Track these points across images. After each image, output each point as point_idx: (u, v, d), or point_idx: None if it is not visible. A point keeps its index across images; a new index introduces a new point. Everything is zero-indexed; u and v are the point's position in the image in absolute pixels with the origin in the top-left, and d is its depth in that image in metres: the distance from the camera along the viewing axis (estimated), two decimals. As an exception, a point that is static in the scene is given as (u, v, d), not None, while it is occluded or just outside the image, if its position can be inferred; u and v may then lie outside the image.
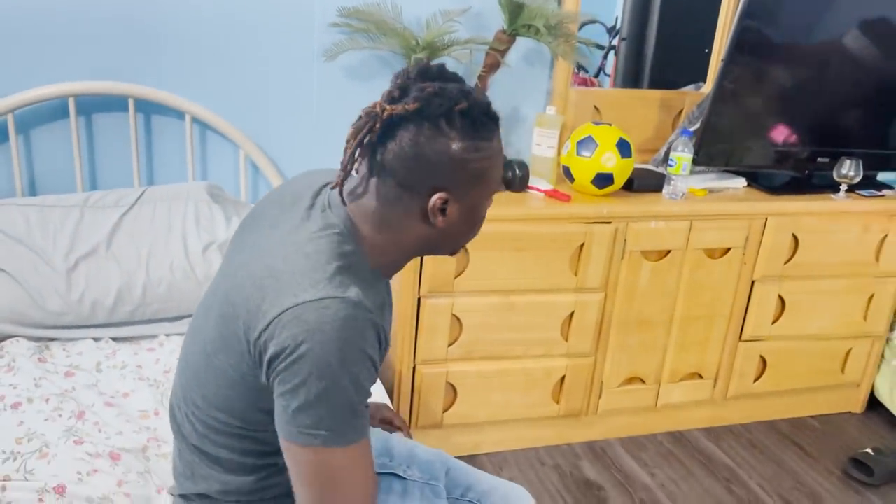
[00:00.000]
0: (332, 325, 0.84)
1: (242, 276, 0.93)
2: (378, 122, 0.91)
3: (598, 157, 2.01)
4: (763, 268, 2.22)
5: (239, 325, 0.90)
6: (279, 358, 0.85)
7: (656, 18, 2.46)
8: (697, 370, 2.30)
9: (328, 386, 0.84)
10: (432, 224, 0.96)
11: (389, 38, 1.97)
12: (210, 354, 0.95)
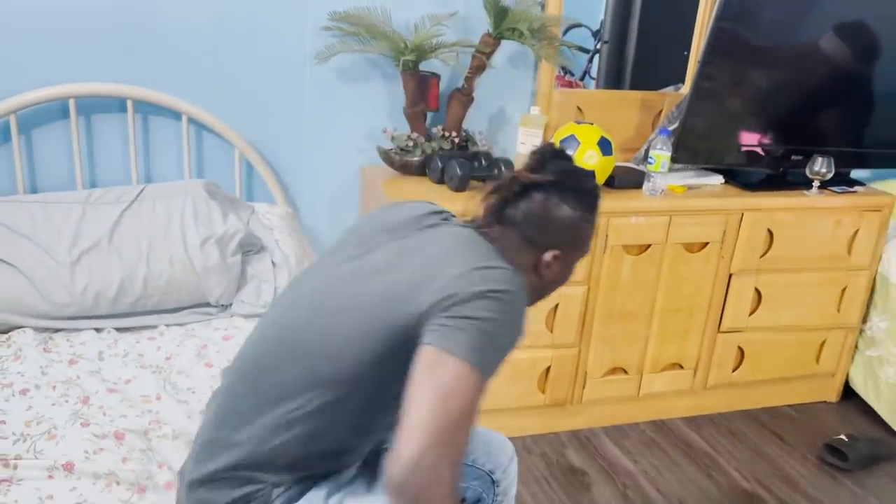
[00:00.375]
0: (511, 285, 1.00)
1: (403, 273, 1.03)
2: (517, 185, 1.11)
3: (580, 154, 2.09)
4: (740, 261, 2.31)
5: (400, 311, 1.00)
6: (456, 298, 0.97)
7: (637, 22, 2.55)
8: (678, 361, 2.38)
9: (498, 326, 0.97)
10: (539, 274, 1.14)
11: (379, 41, 2.05)
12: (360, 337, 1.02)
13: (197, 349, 1.59)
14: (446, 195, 2.04)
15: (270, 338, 1.09)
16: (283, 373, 1.04)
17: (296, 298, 1.12)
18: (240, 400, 1.07)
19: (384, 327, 1.01)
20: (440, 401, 0.91)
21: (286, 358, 1.05)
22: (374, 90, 2.22)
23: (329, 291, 1.08)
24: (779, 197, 2.30)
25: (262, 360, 1.07)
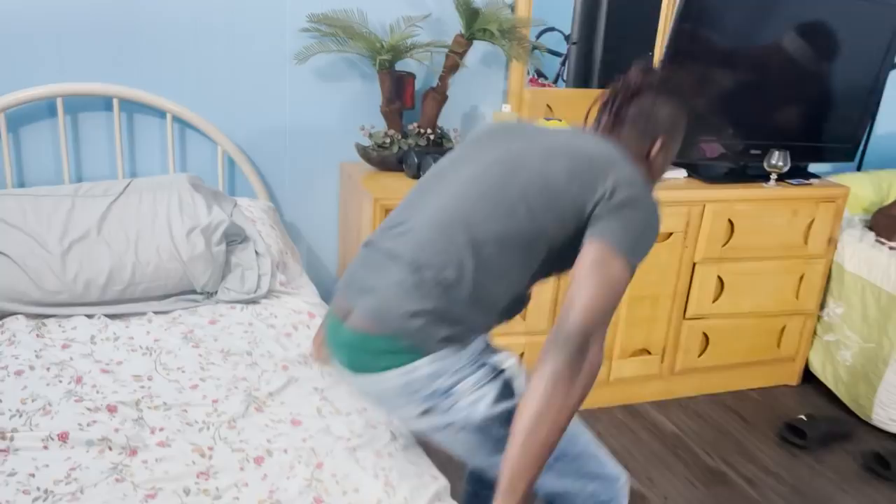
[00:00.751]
0: (648, 190, 1.23)
1: (563, 159, 1.24)
2: (630, 91, 1.35)
3: (549, 149, 2.20)
4: (703, 250, 2.42)
5: (570, 193, 1.20)
6: (617, 200, 1.18)
7: (603, 24, 2.66)
8: (646, 347, 2.49)
9: (647, 227, 1.22)
10: (650, 162, 1.37)
11: (356, 41, 2.14)
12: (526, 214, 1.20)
13: (184, 333, 1.67)
14: (422, 188, 2.13)
15: (471, 195, 1.24)
16: (482, 227, 1.21)
17: (487, 164, 1.28)
18: (439, 248, 1.20)
19: (570, 201, 1.21)
20: (606, 289, 1.14)
21: (486, 215, 1.21)
22: (352, 89, 2.32)
23: (521, 159, 1.26)
24: (739, 189, 2.42)
25: (457, 216, 1.22)
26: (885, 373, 2.44)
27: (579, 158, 1.24)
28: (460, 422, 1.20)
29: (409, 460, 1.35)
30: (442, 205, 1.25)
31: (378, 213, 2.02)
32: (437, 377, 1.18)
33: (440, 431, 1.22)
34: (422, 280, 1.19)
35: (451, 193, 1.26)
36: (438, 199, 1.27)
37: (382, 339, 1.19)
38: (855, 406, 2.56)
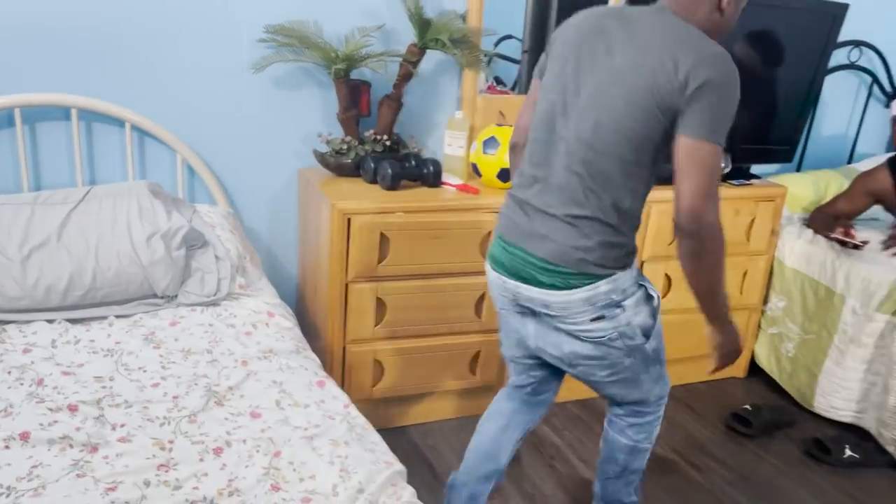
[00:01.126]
0: (726, 61, 1.39)
1: (648, 58, 1.41)
2: None
3: (500, 154, 2.29)
4: (651, 249, 2.53)
5: (668, 93, 1.39)
6: (701, 88, 1.37)
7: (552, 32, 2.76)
8: (599, 343, 2.58)
9: (725, 103, 1.39)
10: (721, 11, 1.48)
11: (312, 51, 2.21)
12: (643, 149, 1.45)
13: (145, 335, 1.71)
14: (379, 194, 2.20)
15: (579, 140, 1.48)
16: (597, 158, 1.46)
17: (582, 114, 1.49)
18: (583, 196, 1.48)
19: (661, 105, 1.40)
20: (701, 175, 1.38)
21: (600, 151, 1.46)
22: (310, 97, 2.38)
23: (611, 90, 1.46)
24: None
25: (579, 161, 1.48)
26: (824, 362, 2.57)
27: (652, 58, 1.41)
28: (623, 328, 1.54)
29: (365, 448, 1.42)
30: (569, 150, 1.50)
31: (336, 217, 2.08)
32: (611, 293, 1.51)
33: (600, 336, 1.55)
34: (581, 227, 1.48)
35: (572, 135, 1.49)
36: (565, 144, 1.50)
37: (568, 272, 1.50)
38: (798, 395, 2.69)
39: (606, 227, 1.48)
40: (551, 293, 1.52)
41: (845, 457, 2.37)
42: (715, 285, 1.52)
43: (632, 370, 1.63)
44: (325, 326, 2.22)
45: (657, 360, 1.67)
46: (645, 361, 1.63)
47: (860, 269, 2.48)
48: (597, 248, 1.48)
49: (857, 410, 2.51)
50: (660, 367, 1.70)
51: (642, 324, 1.57)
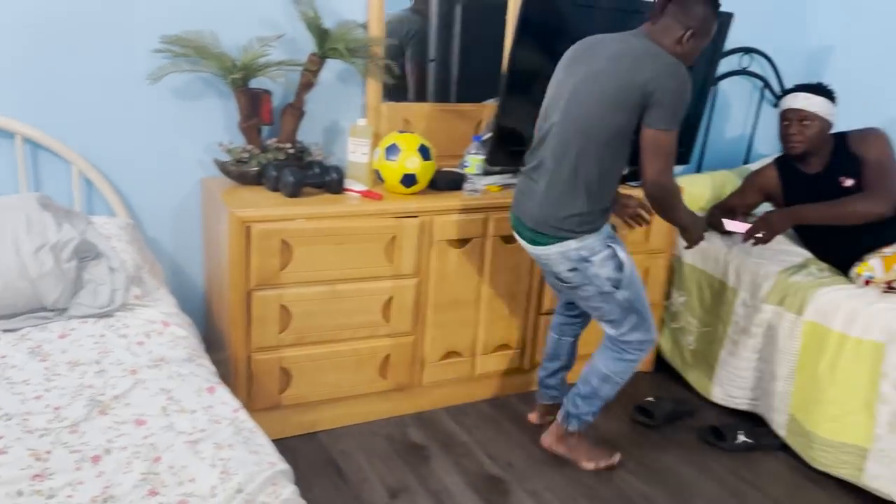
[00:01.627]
0: (679, 68, 1.91)
1: (619, 67, 1.94)
2: None
3: (402, 160, 2.33)
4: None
5: (633, 86, 1.90)
6: (658, 93, 1.89)
7: (458, 42, 2.83)
8: (506, 342, 2.65)
9: (679, 99, 1.91)
10: (682, 46, 1.97)
11: (209, 61, 2.22)
12: (611, 132, 1.97)
13: (31, 348, 1.69)
14: (281, 201, 2.22)
15: (562, 131, 2.02)
16: (573, 144, 2.00)
17: (565, 109, 2.02)
18: (564, 177, 2.02)
19: (625, 103, 1.92)
20: (660, 157, 1.95)
21: (571, 134, 2.00)
22: (211, 107, 2.38)
23: (586, 89, 1.99)
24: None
25: (559, 146, 2.03)
26: (720, 353, 2.70)
27: (624, 66, 1.93)
28: (590, 278, 2.08)
29: (249, 450, 1.43)
30: (556, 138, 2.03)
31: (234, 225, 2.09)
32: (581, 251, 2.05)
33: (577, 282, 2.10)
34: (557, 197, 2.03)
35: (558, 125, 2.02)
36: (554, 137, 2.03)
37: (546, 234, 2.06)
38: (699, 386, 2.81)
39: (577, 201, 2.01)
40: (536, 248, 2.12)
41: (739, 442, 2.50)
42: (678, 216, 2.16)
43: (611, 313, 2.14)
44: (227, 335, 2.22)
45: (632, 309, 2.13)
46: (620, 308, 2.13)
47: (749, 263, 2.62)
48: (568, 218, 2.02)
49: (752, 398, 2.64)
50: (636, 318, 2.15)
51: (609, 276, 2.08)
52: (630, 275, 2.11)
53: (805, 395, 2.40)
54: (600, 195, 2.03)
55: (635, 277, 2.14)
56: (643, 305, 2.17)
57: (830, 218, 2.50)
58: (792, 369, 2.45)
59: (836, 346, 2.31)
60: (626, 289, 2.10)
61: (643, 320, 2.17)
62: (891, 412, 2.19)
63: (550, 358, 2.48)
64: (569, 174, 2.00)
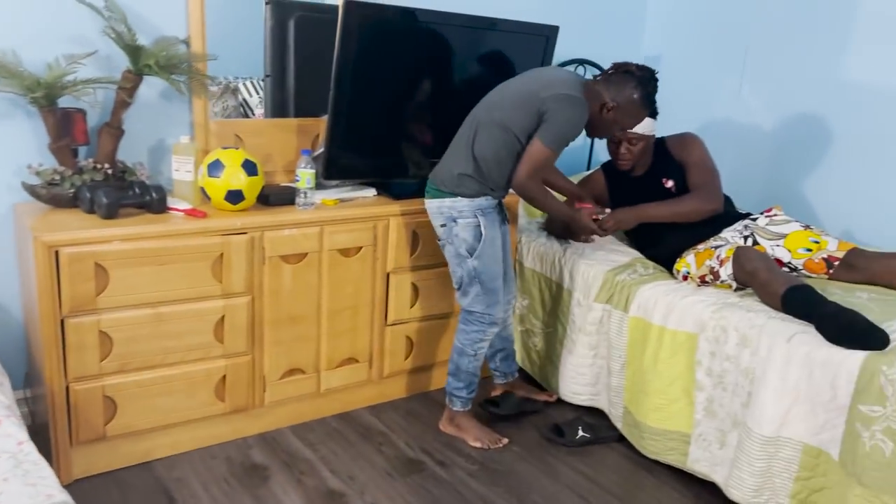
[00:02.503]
0: (577, 104, 2.26)
1: (540, 79, 2.35)
2: (624, 69, 2.35)
3: (227, 177, 2.30)
4: (394, 261, 2.64)
5: (538, 97, 2.27)
6: (550, 111, 2.24)
7: (293, 57, 2.82)
8: (352, 355, 2.65)
9: (566, 124, 2.26)
10: (601, 114, 2.35)
11: (10, 80, 2.11)
12: (508, 118, 2.32)
13: None
14: (96, 223, 2.14)
15: (476, 108, 2.43)
16: (478, 117, 2.40)
17: (487, 95, 2.45)
18: (461, 139, 2.42)
19: (526, 106, 2.29)
20: (533, 163, 2.29)
21: (482, 110, 2.40)
22: (20, 128, 2.28)
23: (510, 84, 2.43)
24: (419, 203, 2.65)
25: (469, 117, 2.44)
26: (562, 352, 2.79)
27: (544, 80, 2.33)
28: (452, 237, 2.40)
29: (26, 483, 1.37)
30: (471, 114, 2.43)
31: (40, 250, 1.99)
32: (452, 210, 2.39)
33: (443, 239, 2.45)
34: (452, 155, 2.42)
35: (477, 107, 2.43)
36: (470, 114, 2.44)
37: (434, 187, 2.43)
38: (547, 385, 2.90)
39: (466, 163, 2.36)
40: (425, 201, 2.47)
41: (578, 437, 2.59)
42: (552, 209, 2.51)
43: (461, 279, 2.44)
44: (41, 366, 2.11)
45: (478, 280, 2.40)
46: (468, 276, 2.41)
47: (580, 264, 2.73)
48: (453, 177, 2.37)
49: (592, 393, 2.74)
50: (480, 289, 2.42)
51: (467, 240, 2.38)
52: (487, 250, 2.38)
53: (635, 387, 2.52)
54: (487, 174, 2.35)
55: (492, 255, 2.40)
56: (491, 282, 2.42)
57: (670, 216, 2.64)
58: (623, 364, 2.56)
59: (656, 339, 2.43)
60: (478, 259, 2.38)
61: (487, 294, 2.42)
62: (706, 398, 2.33)
63: (488, 345, 2.68)
64: (466, 140, 2.37)
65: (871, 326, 2.00)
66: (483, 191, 2.39)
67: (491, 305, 2.44)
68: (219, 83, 2.65)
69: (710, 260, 2.46)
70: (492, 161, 2.35)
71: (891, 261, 2.44)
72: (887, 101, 2.84)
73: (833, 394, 2.01)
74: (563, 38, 3.09)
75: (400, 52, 2.60)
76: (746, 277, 2.33)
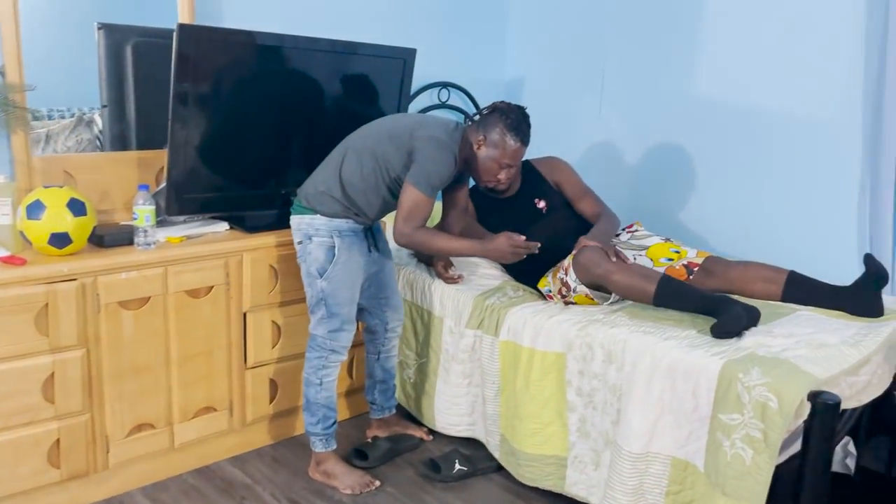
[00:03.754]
0: (444, 147, 2.25)
1: (399, 125, 2.33)
2: (493, 107, 2.37)
3: (49, 219, 2.08)
4: (251, 299, 2.47)
5: (407, 134, 2.27)
6: (418, 151, 2.23)
7: (132, 86, 2.62)
8: (209, 404, 2.45)
9: (433, 164, 2.23)
10: (475, 151, 2.34)
11: None
12: (379, 148, 2.30)
13: None
14: None
15: (352, 134, 2.41)
16: (352, 140, 2.38)
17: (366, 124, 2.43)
18: (331, 159, 2.38)
19: (396, 140, 2.29)
20: (409, 208, 2.23)
21: (356, 135, 2.39)
22: None
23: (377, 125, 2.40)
24: (276, 236, 2.50)
25: (344, 140, 2.41)
26: (437, 383, 2.70)
27: (418, 119, 2.38)
28: (306, 255, 2.31)
29: None
30: (346, 138, 2.41)
31: None
32: (309, 228, 2.30)
33: (299, 256, 2.35)
34: (320, 173, 2.37)
35: (354, 133, 2.40)
36: (334, 151, 2.40)
37: (298, 203, 2.36)
38: (423, 418, 2.78)
39: (331, 182, 2.30)
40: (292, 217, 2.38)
41: (455, 471, 2.48)
42: (449, 252, 2.47)
43: (310, 300, 2.34)
44: None
45: (325, 303, 2.30)
46: (316, 297, 2.32)
47: (450, 290, 2.65)
48: (317, 193, 2.31)
49: (469, 423, 2.66)
50: (325, 312, 2.32)
51: (318, 260, 2.29)
52: (339, 273, 2.29)
53: (509, 413, 2.45)
54: (353, 199, 2.30)
55: (344, 280, 2.31)
56: (338, 307, 2.32)
57: (613, 233, 2.72)
58: (497, 390, 2.49)
59: (527, 361, 2.38)
60: (327, 281, 2.29)
61: (331, 318, 2.32)
62: (579, 418, 2.29)
63: (367, 375, 2.67)
64: (336, 163, 2.32)
65: (746, 306, 2.15)
66: (345, 213, 2.31)
67: (334, 332, 2.34)
68: (72, 115, 2.44)
69: (560, 273, 2.45)
70: (358, 187, 2.30)
71: (746, 269, 2.52)
72: (732, 115, 2.95)
73: (696, 403, 2.01)
74: (427, 62, 3.07)
75: (243, 78, 2.47)
76: (598, 280, 2.35)
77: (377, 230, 2.51)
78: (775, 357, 1.98)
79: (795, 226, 2.85)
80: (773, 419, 1.84)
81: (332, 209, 2.30)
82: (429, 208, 2.27)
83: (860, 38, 2.61)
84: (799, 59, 2.77)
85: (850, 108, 2.66)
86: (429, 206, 2.27)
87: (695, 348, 2.06)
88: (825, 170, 2.76)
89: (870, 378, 2.07)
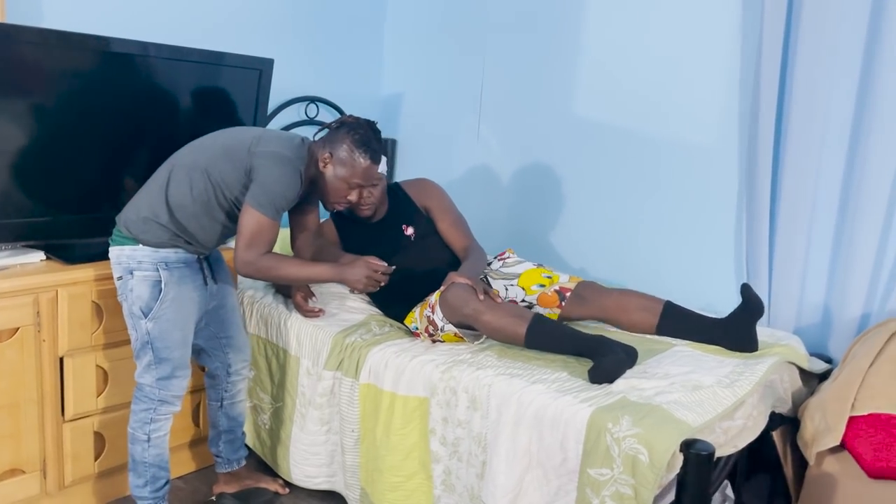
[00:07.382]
0: (286, 163, 2.00)
1: (237, 139, 2.06)
2: (341, 121, 2.15)
3: None
4: (69, 341, 2.13)
5: (246, 149, 2.01)
6: (257, 169, 1.98)
7: None
8: (17, 466, 2.08)
9: (274, 184, 1.97)
10: (320, 168, 2.10)
11: None
12: (212, 165, 2.02)
13: None
14: None
15: (179, 150, 2.11)
16: (179, 157, 2.08)
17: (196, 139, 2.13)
18: (156, 180, 2.06)
19: (232, 155, 2.03)
20: (250, 232, 1.97)
21: (184, 151, 2.09)
22: None
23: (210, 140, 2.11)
24: (102, 268, 2.17)
25: (169, 157, 2.09)
26: (292, 430, 2.42)
27: (257, 134, 2.06)
28: (127, 293, 2.00)
29: None
30: (172, 155, 2.09)
31: None
32: (131, 260, 1.99)
33: (120, 294, 2.03)
34: (142, 197, 2.05)
35: (182, 149, 2.10)
36: (159, 170, 2.08)
37: (118, 234, 2.04)
38: (279, 469, 2.49)
39: (157, 209, 2.00)
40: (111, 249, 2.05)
41: (309, 531, 2.22)
42: (301, 279, 2.18)
43: (134, 344, 2.04)
44: None
45: (151, 346, 2.01)
46: (142, 341, 2.01)
47: (308, 326, 2.39)
48: (139, 220, 1.99)
49: (328, 475, 2.39)
50: (152, 358, 2.02)
51: (142, 298, 1.98)
52: (167, 312, 1.99)
53: (370, 464, 2.21)
54: (184, 224, 2.01)
55: (174, 319, 2.01)
56: (167, 351, 2.02)
57: (482, 269, 2.47)
58: (357, 438, 2.24)
59: (388, 407, 2.15)
60: (153, 321, 1.99)
61: (160, 365, 2.03)
62: (444, 470, 2.07)
63: (210, 425, 2.37)
64: (161, 183, 2.02)
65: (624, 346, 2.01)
66: (173, 242, 2.01)
67: (164, 379, 2.03)
68: None
69: (427, 310, 2.25)
70: (188, 210, 2.00)
71: (621, 296, 2.39)
72: (612, 139, 2.85)
73: (564, 456, 1.83)
74: (294, 74, 2.81)
75: (68, 87, 2.14)
76: (466, 320, 2.16)
77: (215, 259, 2.21)
78: (647, 403, 1.83)
79: (673, 253, 2.76)
80: (644, 474, 1.68)
81: (158, 238, 2.00)
82: (274, 232, 2.00)
83: (736, 64, 2.55)
84: (677, 84, 2.69)
85: (728, 135, 2.59)
86: (273, 230, 2.00)
87: (563, 394, 1.88)
88: (704, 196, 2.68)
89: (745, 421, 1.95)
